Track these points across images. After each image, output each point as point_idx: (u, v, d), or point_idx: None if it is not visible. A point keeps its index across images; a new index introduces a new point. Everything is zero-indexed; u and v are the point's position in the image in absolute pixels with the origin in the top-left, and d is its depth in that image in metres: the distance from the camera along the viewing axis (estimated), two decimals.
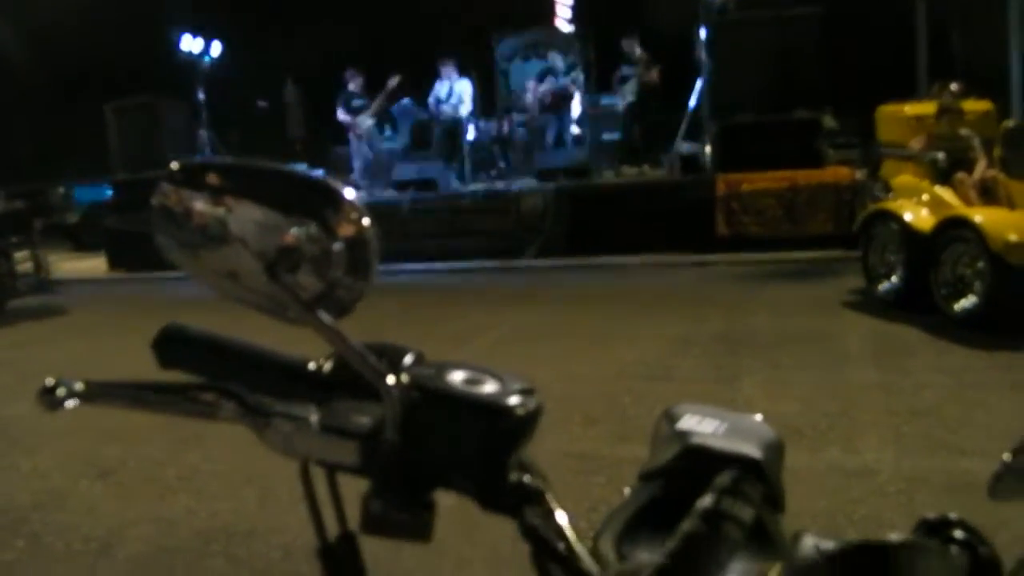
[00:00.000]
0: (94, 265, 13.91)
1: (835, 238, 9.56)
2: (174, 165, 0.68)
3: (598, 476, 3.93)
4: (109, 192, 14.58)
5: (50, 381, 0.74)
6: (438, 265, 11.18)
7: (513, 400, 0.68)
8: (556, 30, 18.08)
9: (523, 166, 13.50)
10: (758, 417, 1.06)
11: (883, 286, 7.33)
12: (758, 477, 0.90)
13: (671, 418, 0.99)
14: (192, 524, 3.82)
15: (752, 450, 0.90)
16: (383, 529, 0.68)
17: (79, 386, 0.75)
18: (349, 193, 0.67)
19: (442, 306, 8.96)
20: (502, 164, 13.92)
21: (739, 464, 0.89)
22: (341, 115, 13.45)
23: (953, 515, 0.98)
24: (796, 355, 5.91)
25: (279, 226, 0.65)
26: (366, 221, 0.66)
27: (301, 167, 9.92)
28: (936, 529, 0.96)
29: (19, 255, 10.89)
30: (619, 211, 10.91)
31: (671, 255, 10.28)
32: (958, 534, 0.97)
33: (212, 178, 0.67)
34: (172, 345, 0.77)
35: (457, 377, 0.69)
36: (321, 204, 0.66)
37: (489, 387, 0.68)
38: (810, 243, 9.99)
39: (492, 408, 0.67)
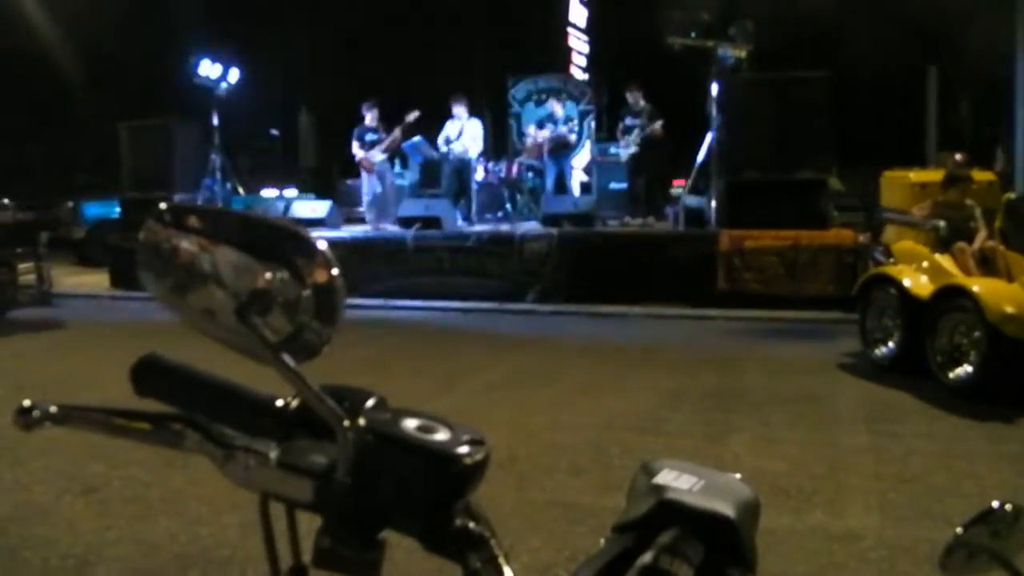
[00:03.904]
0: (96, 281, 13.93)
1: (835, 300, 9.57)
2: (162, 206, 0.72)
3: (581, 525, 3.92)
4: (117, 209, 14.64)
5: (27, 402, 0.76)
6: (437, 303, 11.19)
7: (462, 449, 0.70)
8: (570, 77, 18.30)
9: (529, 210, 13.57)
10: (736, 476, 1.07)
11: (879, 350, 7.34)
12: (731, 536, 0.90)
13: (648, 472, 1.00)
14: (172, 548, 3.81)
15: (726, 509, 0.91)
16: (333, 564, 0.70)
17: (53, 409, 0.77)
18: (321, 243, 0.70)
19: (438, 345, 8.96)
20: (508, 207, 13.99)
21: (712, 522, 0.90)
22: (355, 148, 13.56)
23: None
24: (787, 415, 5.91)
25: (254, 270, 0.68)
26: (335, 270, 0.70)
27: (309, 197, 10.00)
28: None
29: (23, 266, 10.94)
30: (621, 261, 10.94)
31: (670, 307, 10.30)
32: None
33: (196, 221, 0.70)
34: (148, 375, 0.79)
35: (411, 424, 0.71)
36: (294, 252, 0.69)
37: (440, 435, 0.71)
38: (810, 303, 9.99)
39: (441, 455, 0.69)
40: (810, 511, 4.21)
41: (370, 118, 13.53)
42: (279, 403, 0.77)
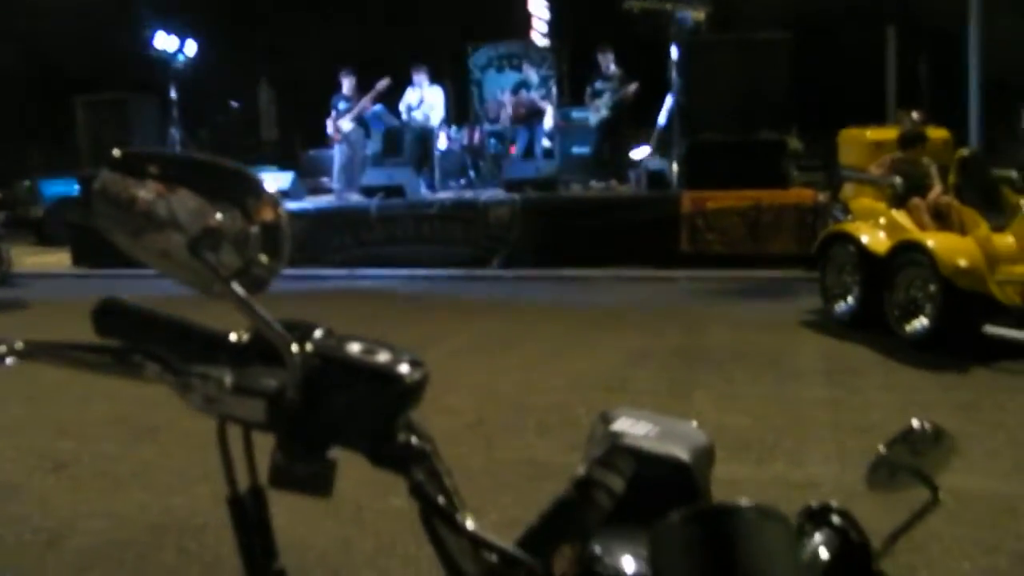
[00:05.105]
0: (58, 259, 13.79)
1: (797, 258, 9.69)
2: (116, 152, 0.76)
3: (548, 482, 3.99)
4: (76, 187, 14.44)
5: None
6: (403, 272, 11.21)
7: (403, 368, 0.75)
8: (531, 43, 18.24)
9: (492, 176, 13.57)
10: (693, 423, 1.12)
11: (839, 306, 7.48)
12: (686, 479, 0.95)
13: (606, 420, 1.04)
14: (144, 518, 3.84)
15: (681, 452, 0.95)
16: (287, 482, 0.74)
17: (19, 344, 0.81)
18: (269, 184, 0.75)
19: (404, 313, 8.99)
20: (471, 174, 13.98)
21: (667, 465, 0.95)
22: (331, 117, 13.45)
23: (834, 503, 1.07)
24: (750, 371, 6.02)
25: (205, 211, 0.73)
26: (281, 209, 0.75)
27: (272, 169, 9.89)
28: (817, 515, 1.05)
29: None
30: (585, 224, 11.01)
31: (634, 269, 10.39)
32: (835, 520, 1.05)
33: (151, 167, 0.74)
34: (108, 316, 0.84)
35: (355, 347, 0.76)
36: (243, 193, 0.75)
37: (382, 356, 0.75)
38: (772, 262, 10.13)
39: (383, 374, 0.74)
40: (771, 462, 4.32)
41: (346, 86, 13.41)
42: (232, 337, 0.81)
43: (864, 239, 7.18)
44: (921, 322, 6.49)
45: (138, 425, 4.99)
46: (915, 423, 1.11)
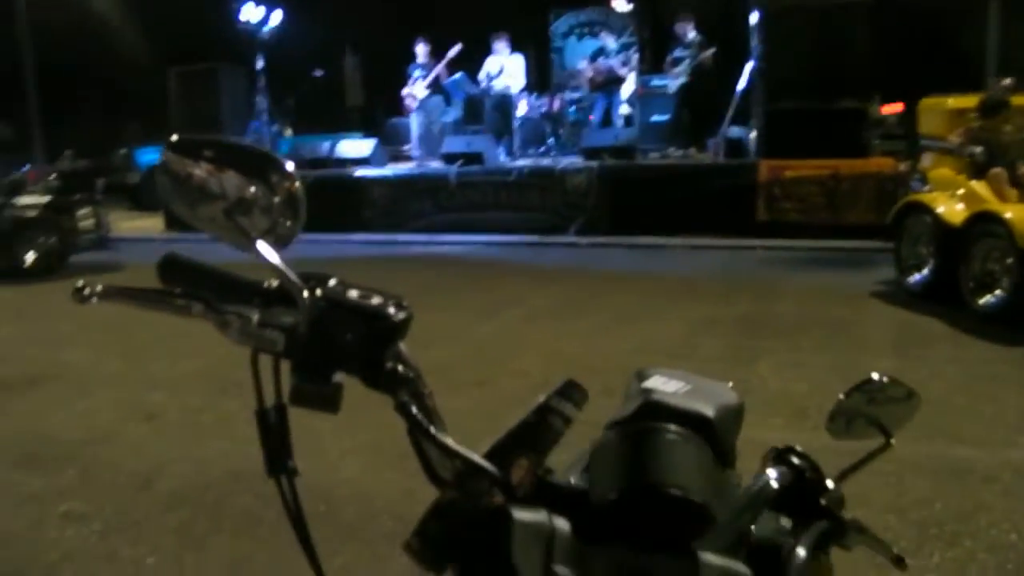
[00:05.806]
0: (152, 224, 14.38)
1: (875, 228, 9.55)
2: (173, 138, 0.95)
3: None
4: None
5: (80, 282, 1.00)
6: (480, 238, 11.42)
7: (391, 309, 0.92)
8: (612, 10, 18.09)
9: (571, 144, 13.62)
10: (728, 384, 1.23)
11: (913, 277, 7.40)
12: (708, 434, 1.07)
13: (640, 377, 1.18)
14: (225, 464, 4.13)
15: (706, 408, 1.05)
16: (303, 400, 0.92)
17: (99, 288, 1.01)
18: (289, 164, 0.93)
19: (480, 278, 9.19)
20: (550, 141, 14.06)
21: (691, 420, 1.07)
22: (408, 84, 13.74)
23: (798, 447, 1.20)
24: (816, 340, 6.05)
25: (243, 185, 0.93)
26: (298, 183, 0.95)
27: (356, 136, 10.31)
28: (780, 455, 1.18)
29: (81, 212, 11.33)
30: (662, 192, 11.02)
31: (710, 238, 10.39)
32: (794, 460, 1.18)
33: (204, 150, 0.93)
34: (168, 267, 1.03)
35: (354, 293, 0.94)
36: (269, 170, 0.94)
37: (375, 300, 0.93)
38: (849, 232, 10.00)
39: (374, 314, 0.92)
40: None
41: (421, 54, 13.63)
42: (264, 284, 1.00)
43: (940, 209, 7.08)
44: (996, 295, 6.39)
45: (222, 380, 5.30)
46: (874, 375, 1.22)
